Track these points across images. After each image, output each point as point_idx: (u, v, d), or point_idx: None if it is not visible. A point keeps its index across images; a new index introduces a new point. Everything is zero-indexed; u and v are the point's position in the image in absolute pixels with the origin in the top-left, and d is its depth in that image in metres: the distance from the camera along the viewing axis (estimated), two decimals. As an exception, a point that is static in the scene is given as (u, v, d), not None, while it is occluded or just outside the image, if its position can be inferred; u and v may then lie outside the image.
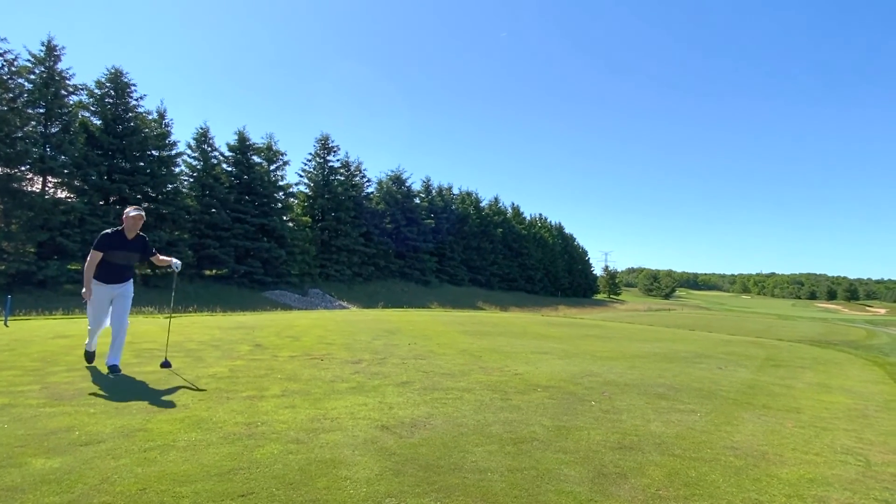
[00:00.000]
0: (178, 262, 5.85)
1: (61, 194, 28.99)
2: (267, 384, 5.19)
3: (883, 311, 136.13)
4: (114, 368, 5.38)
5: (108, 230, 5.50)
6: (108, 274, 5.47)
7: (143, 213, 5.63)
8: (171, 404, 4.32)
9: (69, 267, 27.38)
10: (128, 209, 5.56)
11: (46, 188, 28.21)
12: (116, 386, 4.89)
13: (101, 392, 4.65)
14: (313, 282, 42.90)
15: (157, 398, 4.51)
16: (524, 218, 78.68)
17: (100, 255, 5.34)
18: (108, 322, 5.57)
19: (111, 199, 31.31)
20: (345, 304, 38.35)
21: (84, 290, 5.37)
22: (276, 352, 7.25)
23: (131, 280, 5.75)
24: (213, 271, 37.27)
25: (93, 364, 5.68)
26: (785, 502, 2.92)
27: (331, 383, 5.37)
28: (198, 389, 4.85)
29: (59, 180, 28.64)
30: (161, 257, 5.83)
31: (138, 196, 31.86)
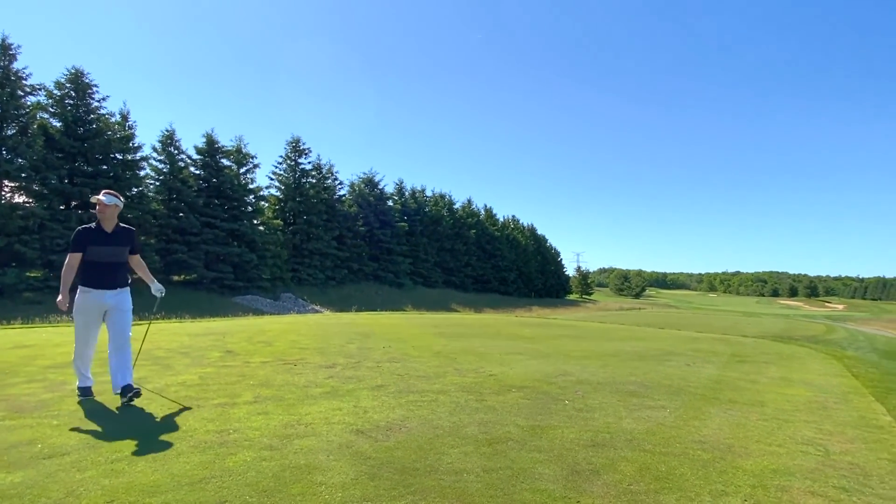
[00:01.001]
0: (161, 287, 5.02)
1: (19, 199, 27.98)
2: (239, 391, 5.11)
3: (841, 306, 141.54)
4: (127, 389, 4.45)
5: (84, 226, 4.71)
6: (94, 276, 4.56)
7: (119, 200, 4.71)
8: (139, 414, 4.22)
9: (28, 274, 26.44)
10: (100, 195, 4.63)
11: (3, 192, 27.16)
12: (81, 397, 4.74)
13: (65, 403, 4.51)
14: (285, 286, 42.33)
15: (124, 408, 4.40)
16: (497, 219, 79.15)
17: (77, 255, 4.52)
18: (95, 342, 4.69)
19: (72, 203, 30.35)
20: (318, 308, 37.94)
21: (59, 297, 4.42)
22: (248, 358, 7.14)
23: (127, 289, 4.78)
24: (182, 276, 36.45)
25: (90, 397, 4.65)
26: (750, 493, 3.02)
27: (304, 388, 5.31)
28: (167, 398, 4.74)
29: (17, 184, 27.63)
30: (142, 268, 4.98)
31: (102, 200, 30.91)
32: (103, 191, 4.70)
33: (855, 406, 5.66)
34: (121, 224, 4.81)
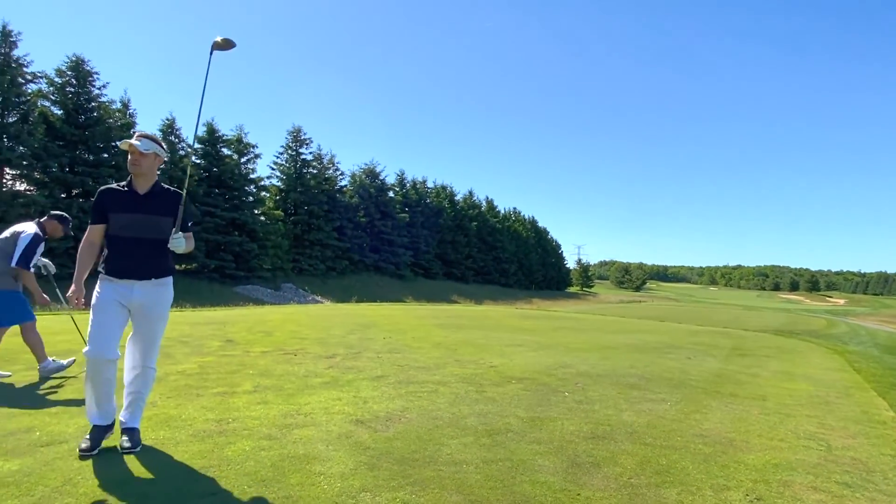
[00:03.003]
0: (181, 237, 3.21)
1: (20, 187, 27.98)
2: (238, 380, 5.10)
3: (842, 301, 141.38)
4: (131, 435, 3.19)
5: (108, 185, 3.31)
6: (117, 260, 3.17)
7: (161, 148, 3.35)
8: (138, 402, 4.19)
9: (29, 262, 26.46)
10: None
11: (4, 180, 27.13)
12: (79, 385, 4.72)
13: (64, 391, 4.50)
14: (286, 276, 42.34)
15: (122, 396, 4.37)
16: (498, 212, 78.97)
17: (97, 228, 3.20)
18: (117, 350, 3.18)
19: (74, 192, 30.32)
20: (318, 298, 37.99)
21: (72, 288, 3.12)
22: (248, 347, 7.13)
23: (169, 279, 3.36)
24: (183, 266, 36.46)
25: (100, 444, 3.16)
26: (751, 487, 3.00)
27: (304, 378, 5.30)
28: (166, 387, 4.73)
29: (18, 172, 27.61)
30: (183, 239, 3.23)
31: (102, 189, 30.95)
32: (137, 133, 3.27)
33: (857, 401, 5.64)
34: (163, 185, 3.38)
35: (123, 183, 3.28)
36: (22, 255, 4.85)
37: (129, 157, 3.22)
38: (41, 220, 5.26)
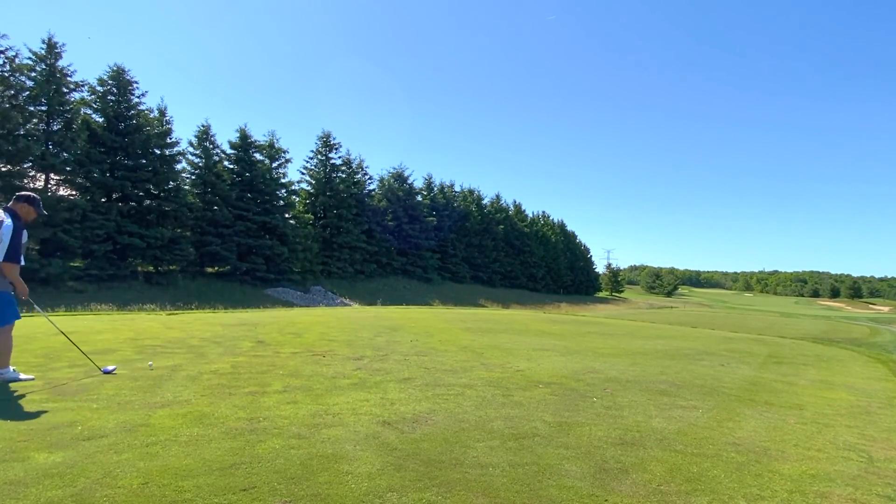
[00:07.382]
0: None
1: (63, 191, 29.10)
2: (269, 380, 5.20)
3: (886, 308, 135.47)
4: None
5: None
6: None
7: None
8: (173, 400, 4.33)
9: (71, 264, 27.51)
10: None
11: (49, 185, 28.28)
12: (119, 382, 4.91)
13: (104, 388, 4.67)
14: (315, 279, 42.95)
15: (158, 394, 4.52)
16: (526, 215, 78.62)
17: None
18: None
19: (113, 196, 31.39)
20: (347, 301, 38.41)
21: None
22: (279, 348, 7.27)
23: None
24: (216, 268, 37.37)
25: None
26: (787, 498, 2.91)
27: (332, 379, 5.37)
28: (200, 385, 4.86)
29: (62, 177, 28.76)
30: None
31: (140, 193, 31.97)
32: None
33: (900, 411, 5.41)
34: None
35: None
36: (11, 249, 4.56)
37: None
38: (9, 205, 4.82)
